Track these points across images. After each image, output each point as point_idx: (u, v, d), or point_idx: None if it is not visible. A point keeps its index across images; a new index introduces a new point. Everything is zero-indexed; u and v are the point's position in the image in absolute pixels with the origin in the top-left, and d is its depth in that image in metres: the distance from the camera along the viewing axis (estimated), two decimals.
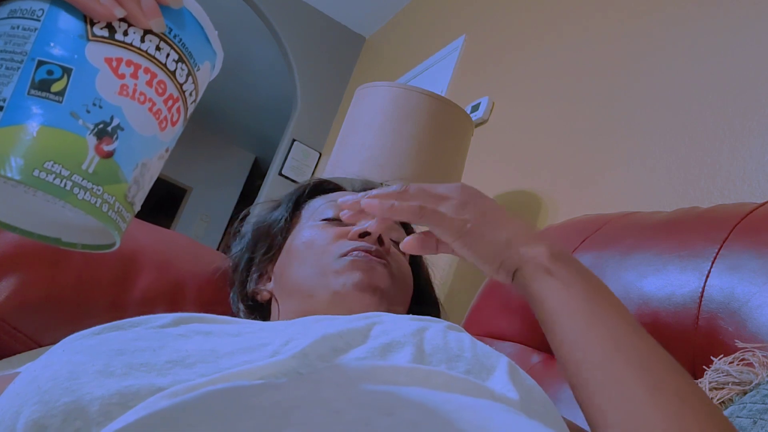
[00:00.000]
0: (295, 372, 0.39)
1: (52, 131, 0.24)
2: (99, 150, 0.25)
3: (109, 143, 0.25)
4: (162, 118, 0.28)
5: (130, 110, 0.26)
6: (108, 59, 0.26)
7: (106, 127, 0.25)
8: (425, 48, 2.60)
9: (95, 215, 0.25)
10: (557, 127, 1.53)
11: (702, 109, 1.14)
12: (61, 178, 0.24)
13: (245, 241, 0.77)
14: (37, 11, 0.25)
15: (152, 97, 0.27)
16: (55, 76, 0.25)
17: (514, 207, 1.54)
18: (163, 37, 0.28)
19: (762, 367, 0.52)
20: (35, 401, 0.36)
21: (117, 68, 0.26)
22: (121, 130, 0.26)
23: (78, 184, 0.24)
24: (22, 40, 0.25)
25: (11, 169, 0.23)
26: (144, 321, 0.48)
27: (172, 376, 0.38)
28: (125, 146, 0.26)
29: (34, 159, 0.24)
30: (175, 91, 0.29)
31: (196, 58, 0.30)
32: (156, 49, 0.28)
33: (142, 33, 0.27)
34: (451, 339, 0.49)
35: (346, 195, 0.73)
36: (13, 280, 0.68)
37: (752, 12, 1.12)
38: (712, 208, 0.73)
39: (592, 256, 0.79)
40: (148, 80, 0.27)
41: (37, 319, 0.68)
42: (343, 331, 0.45)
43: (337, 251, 0.63)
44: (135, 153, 0.27)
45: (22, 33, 0.25)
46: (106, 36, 0.26)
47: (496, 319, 0.91)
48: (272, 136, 5.48)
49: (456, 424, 0.30)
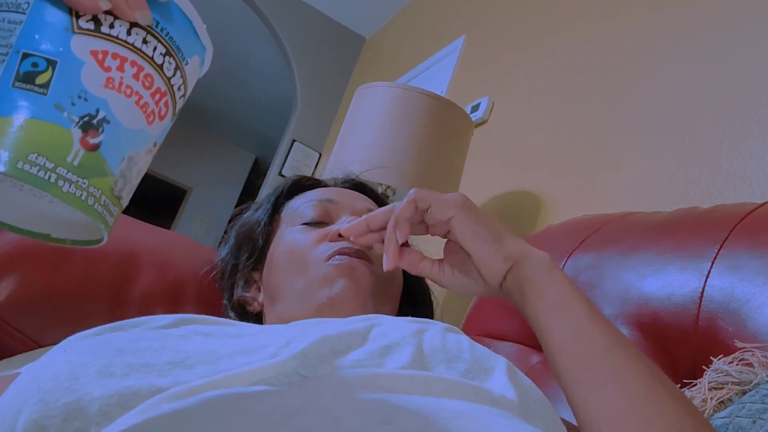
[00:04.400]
0: (295, 373, 0.39)
1: (37, 123, 0.24)
2: (84, 143, 0.25)
3: (94, 136, 0.25)
4: (149, 112, 0.28)
5: (117, 103, 0.26)
6: (94, 52, 0.26)
7: (92, 120, 0.25)
8: (425, 48, 2.60)
9: (81, 208, 0.25)
10: (557, 127, 1.53)
11: (702, 109, 1.14)
12: (45, 170, 0.24)
13: (229, 247, 0.75)
14: (23, 4, 0.25)
15: (139, 91, 0.27)
16: (39, 68, 0.25)
17: (514, 207, 1.54)
18: (149, 30, 0.28)
19: (761, 367, 0.52)
20: (35, 401, 0.36)
21: (103, 61, 0.26)
22: (107, 123, 0.26)
23: (63, 176, 0.24)
24: (8, 33, 0.25)
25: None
26: (144, 322, 0.48)
27: (172, 377, 0.38)
28: (111, 139, 0.26)
29: (18, 151, 0.24)
30: (162, 85, 0.28)
31: (184, 52, 0.30)
32: (143, 42, 0.27)
33: (128, 26, 0.27)
34: (450, 340, 0.49)
35: (326, 191, 0.72)
36: (13, 280, 0.68)
37: (752, 12, 1.13)
38: (712, 208, 0.73)
39: (592, 256, 0.79)
40: (134, 73, 0.27)
41: (37, 319, 0.68)
42: (342, 333, 0.45)
43: (320, 256, 0.62)
44: (121, 146, 0.27)
45: (7, 26, 0.25)
46: (91, 29, 0.26)
47: (495, 320, 0.91)
48: (272, 136, 5.48)
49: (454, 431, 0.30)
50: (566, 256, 0.83)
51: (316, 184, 0.77)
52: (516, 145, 1.67)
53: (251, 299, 0.69)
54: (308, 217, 0.68)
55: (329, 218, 0.68)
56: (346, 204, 0.69)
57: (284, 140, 3.19)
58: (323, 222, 0.68)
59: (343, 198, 0.70)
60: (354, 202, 0.70)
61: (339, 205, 0.69)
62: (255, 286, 0.71)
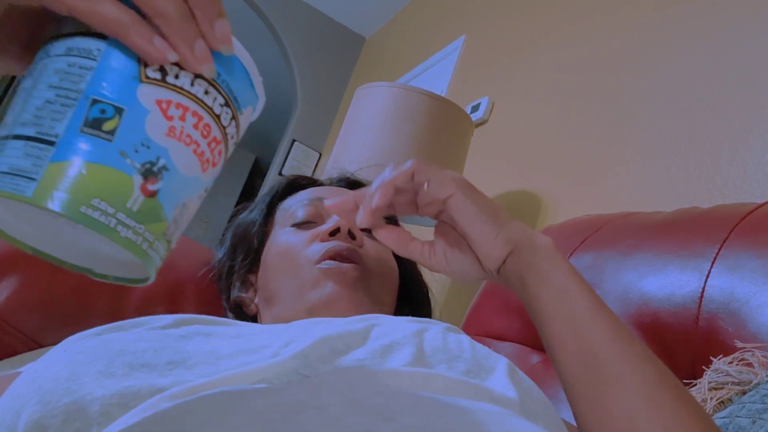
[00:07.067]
0: (296, 373, 0.39)
1: (101, 169, 0.25)
2: (144, 189, 0.26)
3: (154, 183, 0.26)
4: (204, 160, 0.29)
5: (176, 151, 0.27)
6: (159, 101, 0.27)
7: (152, 167, 0.26)
8: (425, 48, 2.60)
9: (135, 252, 0.26)
10: (557, 127, 1.53)
11: (702, 109, 1.14)
12: (106, 215, 0.25)
13: (225, 248, 0.75)
14: (94, 51, 0.26)
15: (197, 139, 0.28)
16: (107, 115, 0.25)
17: (514, 207, 1.54)
18: (211, 82, 0.29)
19: (761, 367, 0.52)
20: (36, 401, 0.36)
21: (167, 110, 0.27)
22: (166, 171, 0.27)
23: (122, 222, 0.25)
24: (78, 78, 0.26)
25: (59, 204, 0.24)
26: (145, 322, 0.48)
27: (173, 377, 0.38)
28: (169, 186, 0.27)
29: (81, 195, 0.24)
30: (218, 134, 0.29)
31: (240, 103, 0.31)
32: (204, 93, 0.28)
33: (192, 77, 0.28)
34: (451, 340, 0.49)
35: (318, 190, 0.71)
36: (13, 280, 0.68)
37: (752, 12, 1.13)
38: (712, 208, 0.73)
39: (592, 256, 0.79)
40: (195, 123, 0.28)
41: (37, 319, 0.68)
42: (342, 333, 0.45)
43: (311, 258, 0.61)
44: (177, 193, 0.27)
45: (78, 71, 0.26)
46: (158, 78, 0.27)
47: (495, 320, 0.91)
48: (272, 136, 5.48)
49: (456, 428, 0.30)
50: (566, 256, 0.83)
51: (311, 183, 0.76)
52: (516, 145, 1.67)
53: (248, 300, 0.69)
54: (298, 217, 0.67)
55: (320, 218, 0.68)
56: None
57: (284, 140, 3.19)
58: (314, 222, 0.67)
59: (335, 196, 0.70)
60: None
61: None
62: (251, 288, 0.70)
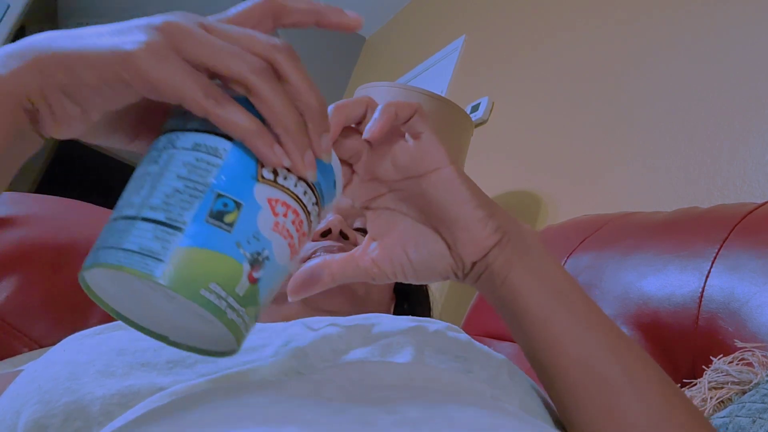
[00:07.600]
0: (296, 372, 0.40)
1: (220, 257, 0.28)
2: (250, 277, 0.29)
3: (257, 271, 0.29)
4: (294, 251, 0.32)
5: (277, 244, 0.30)
6: (269, 199, 0.30)
7: (258, 257, 0.29)
8: (425, 48, 2.60)
9: (233, 332, 0.29)
10: (557, 127, 1.53)
11: (702, 109, 1.14)
12: (219, 298, 0.28)
13: None
14: (220, 150, 0.30)
15: (293, 233, 0.31)
16: (229, 208, 0.29)
17: (514, 207, 1.54)
18: (310, 185, 0.33)
19: (761, 366, 0.52)
20: (36, 401, 0.36)
21: (275, 207, 0.30)
22: (268, 260, 0.30)
23: (231, 305, 0.28)
24: (205, 173, 0.29)
25: (182, 286, 0.27)
26: None
27: (173, 376, 0.38)
28: (267, 274, 0.30)
29: (202, 279, 0.27)
30: (307, 228, 0.33)
31: (325, 200, 0.35)
32: (303, 194, 0.32)
33: (296, 179, 0.32)
34: (451, 340, 0.49)
35: None
36: (13, 280, 0.68)
37: (753, 12, 1.13)
38: (712, 208, 0.73)
39: (592, 256, 0.79)
40: (293, 219, 0.31)
41: (37, 319, 0.68)
42: (342, 332, 0.45)
43: (303, 256, 0.60)
44: (272, 280, 0.31)
45: (205, 166, 0.29)
46: (271, 179, 0.30)
47: (495, 319, 0.91)
48: None
49: (458, 422, 0.30)
50: (566, 256, 0.83)
51: None
52: (516, 145, 1.67)
53: None
54: None
55: None
56: None
57: None
58: None
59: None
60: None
61: None
62: None
